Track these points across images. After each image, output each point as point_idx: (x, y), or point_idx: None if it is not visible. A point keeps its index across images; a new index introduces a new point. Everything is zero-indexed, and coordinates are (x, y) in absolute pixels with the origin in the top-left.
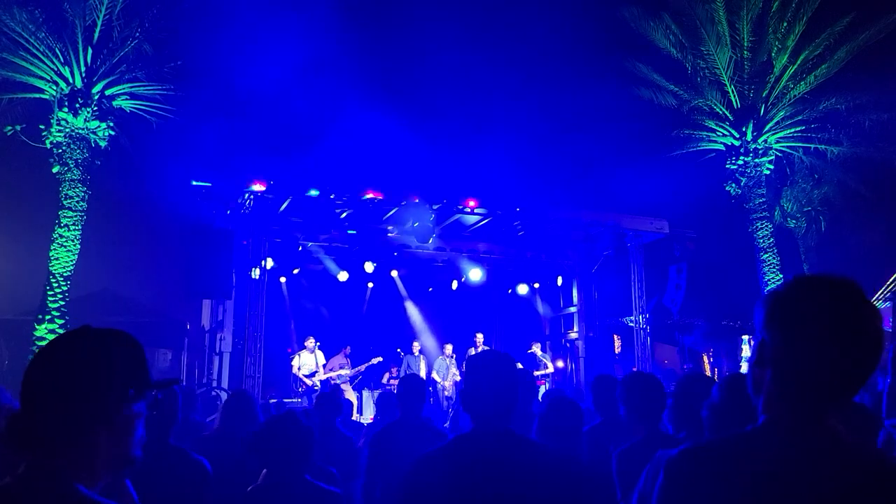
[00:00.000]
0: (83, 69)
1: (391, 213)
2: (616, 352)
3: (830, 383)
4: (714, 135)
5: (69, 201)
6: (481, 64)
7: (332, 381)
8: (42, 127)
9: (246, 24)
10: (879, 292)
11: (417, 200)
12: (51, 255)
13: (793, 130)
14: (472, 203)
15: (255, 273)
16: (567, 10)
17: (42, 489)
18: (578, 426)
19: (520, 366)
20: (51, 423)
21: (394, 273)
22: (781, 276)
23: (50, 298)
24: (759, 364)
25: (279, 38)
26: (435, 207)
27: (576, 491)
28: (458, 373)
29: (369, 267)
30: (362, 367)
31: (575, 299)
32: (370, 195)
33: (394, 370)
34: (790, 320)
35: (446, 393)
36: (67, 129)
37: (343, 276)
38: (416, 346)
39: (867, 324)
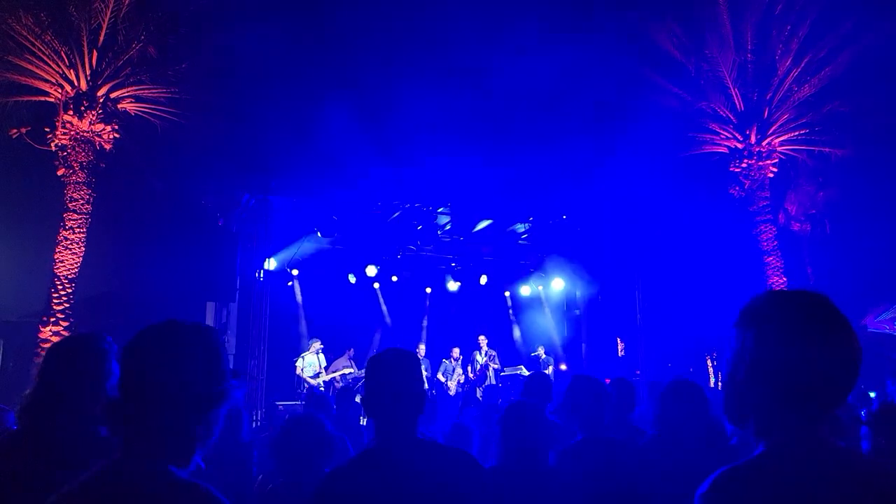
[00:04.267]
0: (88, 72)
1: (395, 215)
2: (619, 354)
3: (823, 396)
4: (717, 137)
5: (74, 204)
6: (482, 64)
7: (336, 383)
8: (47, 129)
9: (249, 26)
10: None
11: (419, 205)
12: (55, 257)
13: (797, 133)
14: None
15: (261, 275)
16: (570, 13)
17: (139, 472)
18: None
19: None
20: (152, 412)
21: (394, 278)
22: (786, 279)
23: (55, 301)
24: (746, 385)
25: (281, 40)
26: (439, 210)
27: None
28: (463, 375)
29: (371, 270)
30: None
31: (579, 302)
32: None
33: None
34: (773, 341)
35: (450, 393)
36: (72, 132)
37: (352, 278)
38: (420, 348)
39: (850, 334)
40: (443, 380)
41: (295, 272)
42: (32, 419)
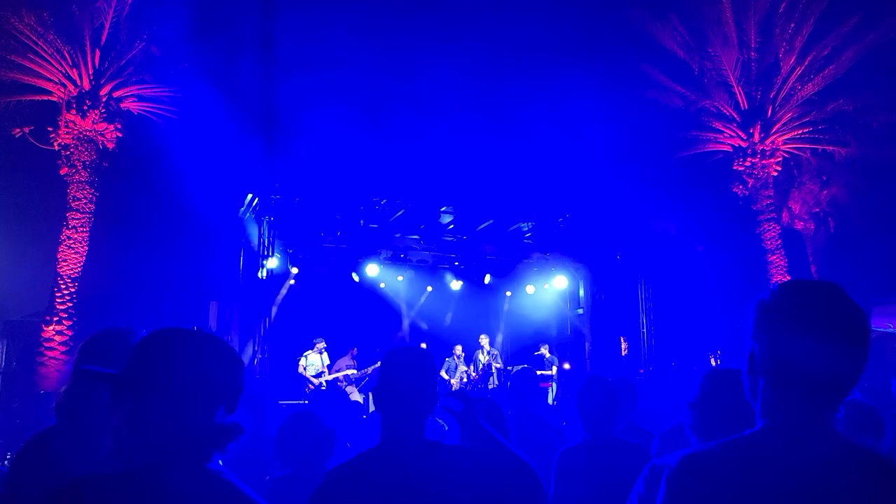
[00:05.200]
0: (91, 71)
1: (398, 214)
2: (623, 353)
3: (821, 384)
4: (721, 136)
5: (77, 203)
6: (482, 64)
7: (339, 382)
8: (50, 129)
9: (250, 25)
10: None
11: (421, 204)
12: (58, 256)
13: (800, 131)
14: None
15: (263, 273)
16: (573, 11)
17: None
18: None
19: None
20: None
21: (400, 277)
22: (789, 277)
23: (58, 300)
24: (752, 372)
25: (282, 40)
26: (442, 209)
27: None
28: (466, 371)
29: (374, 269)
30: (369, 370)
31: (582, 301)
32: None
33: None
34: (775, 327)
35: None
36: (75, 131)
37: (355, 276)
38: (422, 347)
39: (851, 323)
40: (446, 377)
41: (294, 270)
42: (70, 414)
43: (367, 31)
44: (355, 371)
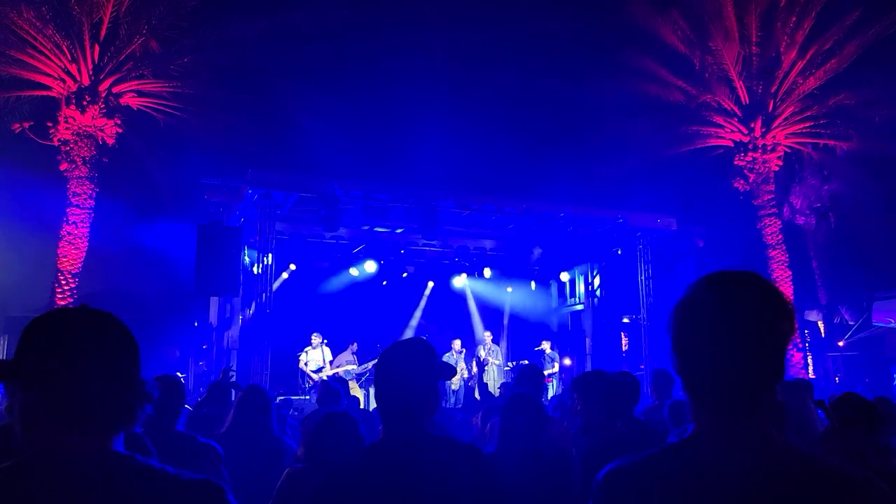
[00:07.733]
0: (90, 66)
1: (399, 208)
2: (623, 349)
3: (736, 383)
4: (722, 131)
5: (77, 199)
6: (482, 60)
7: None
8: (50, 124)
9: (251, 21)
10: None
11: (422, 200)
12: (59, 252)
13: (802, 126)
14: None
15: (258, 269)
16: (573, 5)
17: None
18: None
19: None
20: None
21: (405, 274)
22: (790, 272)
23: (58, 296)
24: (677, 373)
25: (283, 35)
26: (443, 206)
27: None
28: (465, 368)
29: (371, 266)
30: (369, 365)
31: (582, 296)
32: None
33: None
34: (680, 327)
35: (453, 388)
36: (75, 127)
37: (354, 272)
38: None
39: (761, 315)
40: None
41: (292, 266)
42: None
43: (368, 26)
44: (355, 366)
